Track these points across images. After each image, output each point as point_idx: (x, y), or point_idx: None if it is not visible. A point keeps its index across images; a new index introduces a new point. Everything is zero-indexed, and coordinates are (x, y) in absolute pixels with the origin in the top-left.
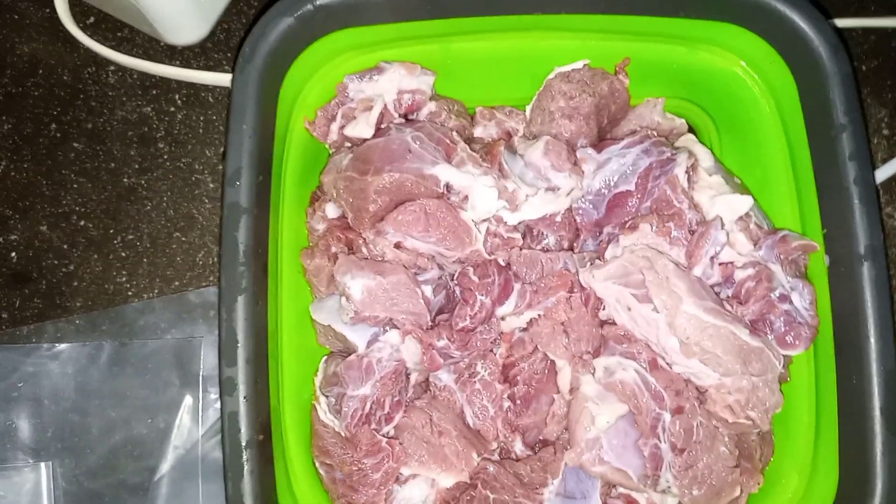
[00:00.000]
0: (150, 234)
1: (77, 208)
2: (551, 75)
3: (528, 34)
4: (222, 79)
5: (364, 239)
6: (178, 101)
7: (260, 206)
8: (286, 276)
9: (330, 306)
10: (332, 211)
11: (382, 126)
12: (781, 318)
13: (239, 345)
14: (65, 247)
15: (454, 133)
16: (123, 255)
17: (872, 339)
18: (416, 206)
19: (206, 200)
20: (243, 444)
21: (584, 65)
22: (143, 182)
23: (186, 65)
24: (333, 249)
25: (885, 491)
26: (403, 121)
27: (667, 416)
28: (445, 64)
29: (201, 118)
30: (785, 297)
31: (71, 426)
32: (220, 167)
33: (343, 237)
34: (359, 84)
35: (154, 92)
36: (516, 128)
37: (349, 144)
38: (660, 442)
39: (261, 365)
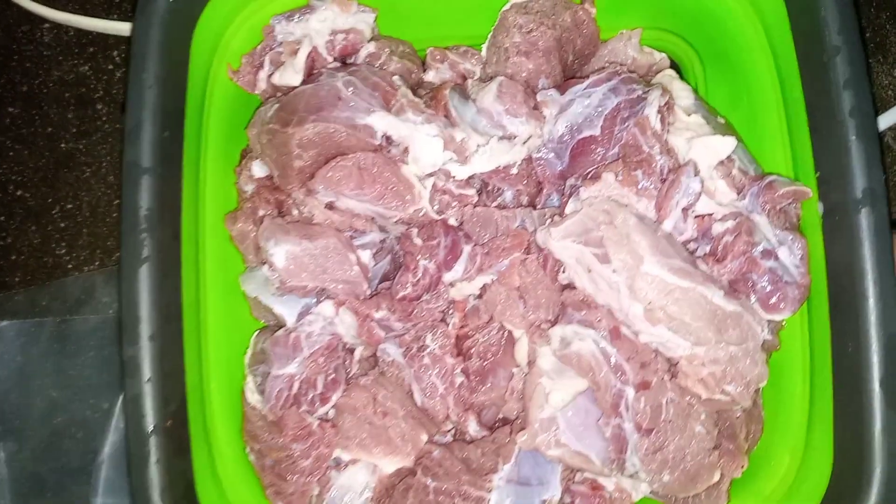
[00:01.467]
0: (90, 203)
1: (13, 177)
2: (506, 6)
3: None
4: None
5: (293, 200)
6: (117, 58)
7: (166, 165)
8: (211, 243)
9: (259, 276)
10: (258, 169)
11: (315, 72)
12: (765, 278)
13: (141, 321)
14: (1, 218)
15: (396, 78)
16: (62, 225)
17: (871, 300)
18: (349, 161)
19: None
20: (148, 430)
21: None
22: (81, 147)
23: (125, 18)
24: (260, 213)
25: (885, 474)
26: (339, 65)
27: (630, 392)
28: None
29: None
30: (770, 253)
31: (12, 407)
32: None
33: (272, 199)
34: (287, 25)
35: (91, 49)
36: (472, 70)
37: (280, 94)
38: (623, 421)
39: (171, 343)
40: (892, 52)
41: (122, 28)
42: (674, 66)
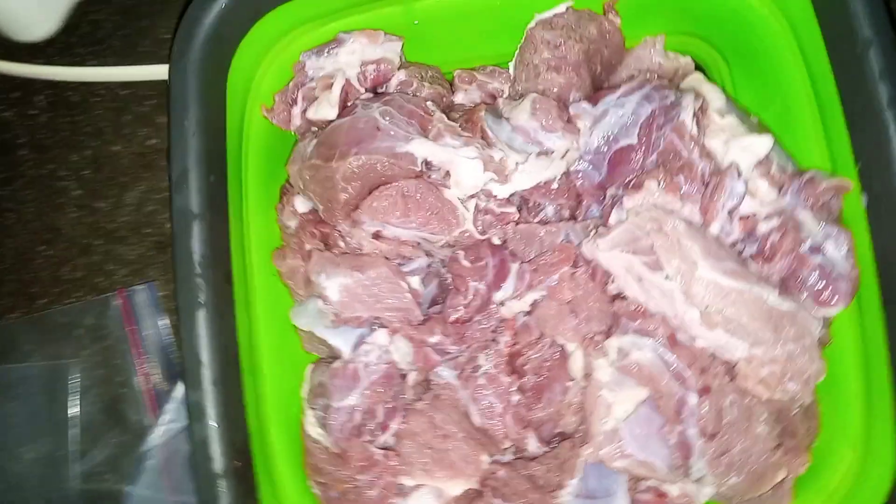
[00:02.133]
0: (14, 249)
1: None
2: (531, 24)
3: None
4: (87, 74)
5: (339, 232)
6: (42, 103)
7: (214, 210)
8: (259, 281)
9: (310, 310)
10: (301, 205)
11: (348, 104)
12: (815, 273)
13: (203, 366)
14: None
15: (429, 103)
16: None
17: None
18: (392, 190)
19: (72, 209)
20: (217, 473)
21: (568, 7)
22: (4, 193)
23: (49, 62)
24: (307, 247)
25: None
26: (371, 95)
27: (693, 398)
28: (412, 27)
29: (66, 120)
30: (817, 249)
31: None
32: (85, 173)
33: (317, 232)
34: (317, 60)
35: (15, 95)
36: (501, 88)
37: (315, 129)
38: (687, 427)
39: (232, 385)
40: None
41: (47, 72)
42: (699, 68)
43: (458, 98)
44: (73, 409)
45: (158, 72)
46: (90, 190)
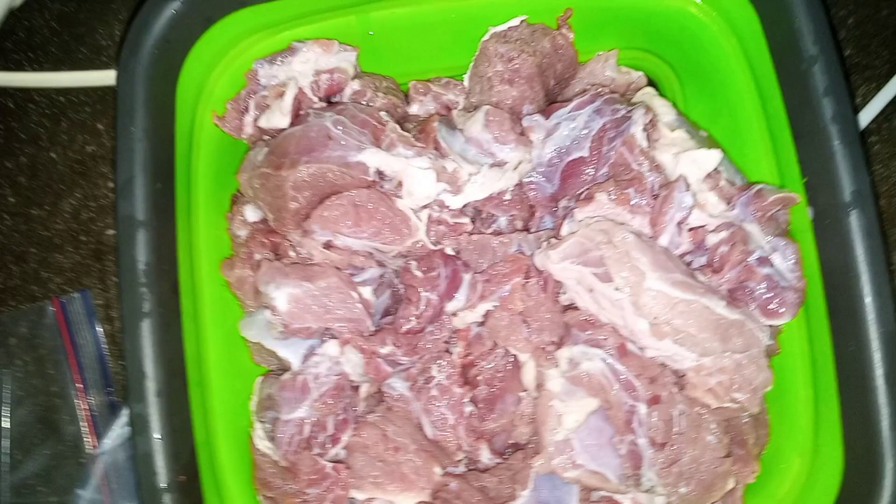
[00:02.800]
0: None
1: None
2: (485, 37)
3: None
4: (22, 79)
5: (290, 242)
6: None
7: (161, 218)
8: (208, 291)
9: (259, 321)
10: (251, 214)
11: (301, 113)
12: (763, 285)
13: (147, 377)
14: None
15: (382, 113)
16: None
17: (868, 298)
18: (343, 199)
19: (6, 216)
20: (160, 487)
21: (522, 21)
22: None
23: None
24: (257, 257)
25: None
26: (325, 105)
27: (642, 408)
28: (368, 36)
29: (0, 126)
30: (765, 260)
31: None
32: (20, 180)
33: (267, 242)
34: (270, 69)
35: None
36: (456, 100)
37: (267, 138)
38: (637, 437)
39: (177, 397)
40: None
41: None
42: (651, 83)
43: (413, 109)
44: (5, 420)
45: (96, 78)
46: (25, 197)
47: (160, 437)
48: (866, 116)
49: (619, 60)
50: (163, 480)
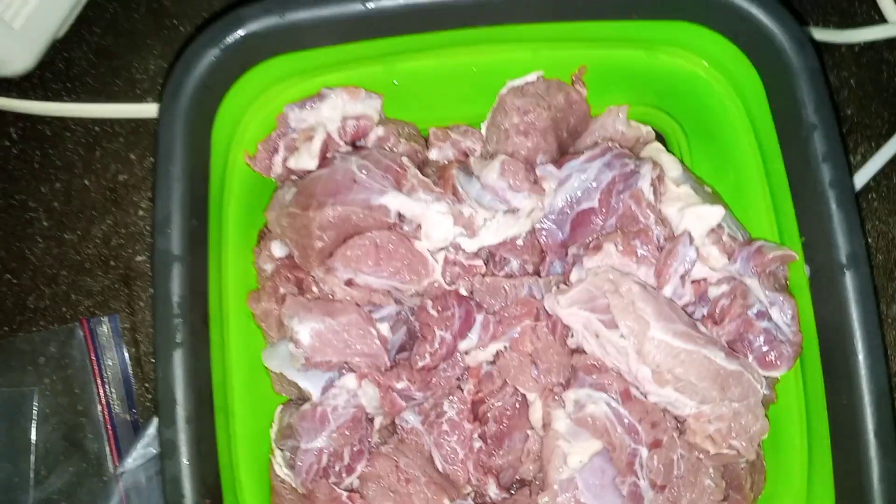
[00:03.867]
0: None
1: None
2: (503, 90)
3: (476, 48)
4: (60, 109)
5: (313, 278)
6: (14, 135)
7: (195, 253)
8: (234, 321)
9: (281, 352)
10: (278, 250)
11: (328, 156)
12: (761, 337)
13: (177, 404)
14: None
15: (404, 158)
16: None
17: (861, 356)
18: (365, 240)
19: (40, 240)
20: None
21: (538, 77)
22: None
23: (23, 96)
24: (282, 291)
25: None
26: (350, 149)
27: (644, 452)
28: (392, 86)
29: (37, 152)
30: (763, 314)
31: None
32: (54, 205)
33: (292, 277)
34: (300, 113)
35: None
36: (473, 147)
37: (294, 177)
38: (638, 479)
39: (205, 424)
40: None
41: (21, 106)
42: (659, 137)
43: (433, 154)
44: (32, 436)
45: (131, 110)
46: (58, 221)
47: (188, 461)
48: (866, 174)
49: (628, 115)
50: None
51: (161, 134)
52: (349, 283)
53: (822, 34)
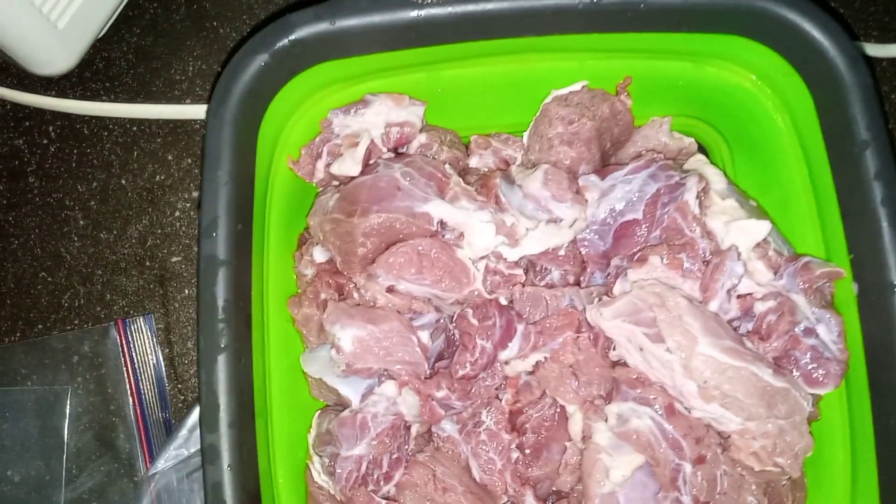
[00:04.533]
0: (15, 274)
1: None
2: (548, 99)
3: (521, 57)
4: (99, 109)
5: (354, 284)
6: (52, 134)
7: (240, 257)
8: (274, 325)
9: (321, 357)
10: (319, 255)
11: (371, 162)
12: (808, 354)
13: (220, 409)
14: None
15: (447, 166)
16: None
17: None
18: (408, 247)
19: (76, 238)
20: None
21: (583, 86)
22: (10, 219)
23: (62, 95)
24: (322, 296)
25: None
26: (393, 155)
27: (687, 467)
28: (436, 93)
29: (75, 151)
30: (811, 331)
31: None
32: (91, 204)
33: (333, 282)
34: (344, 119)
35: (27, 123)
36: (514, 156)
37: (336, 183)
38: (681, 495)
39: (246, 428)
40: None
41: (59, 104)
42: (701, 149)
43: (473, 162)
44: (65, 435)
45: (169, 111)
46: (95, 221)
47: (230, 466)
48: None
49: (671, 126)
50: None
51: (208, 138)
52: (390, 289)
53: (862, 48)
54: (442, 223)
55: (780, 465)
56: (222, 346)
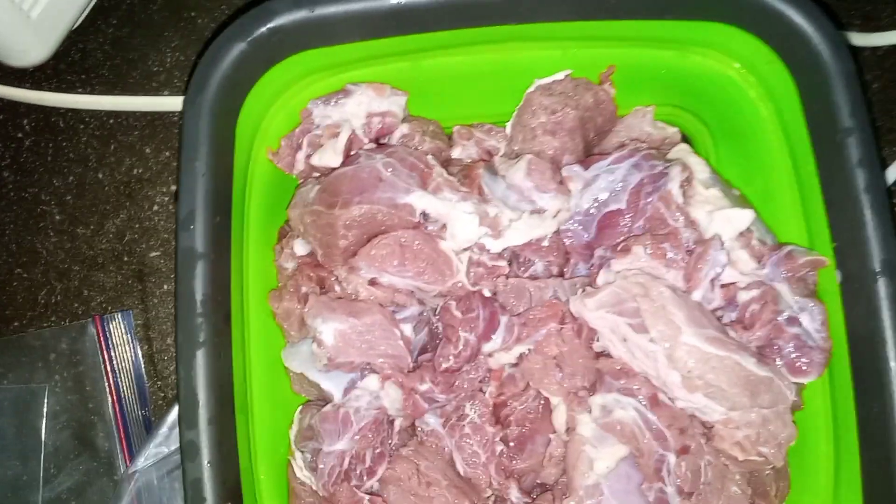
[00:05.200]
0: None
1: None
2: (531, 88)
3: (504, 46)
4: (75, 101)
5: (336, 277)
6: (27, 127)
7: (218, 250)
8: (254, 320)
9: (303, 352)
10: (300, 248)
11: (352, 153)
12: (791, 343)
13: (200, 405)
14: None
15: (429, 157)
16: None
17: (893, 364)
18: (390, 239)
19: (52, 234)
20: None
21: (566, 75)
22: None
23: (37, 87)
24: (304, 290)
25: None
26: (374, 146)
27: (671, 458)
28: (418, 82)
29: (51, 145)
30: (794, 320)
31: None
32: (67, 198)
33: (314, 275)
34: (324, 109)
35: (0, 117)
36: (497, 146)
37: (317, 174)
38: (665, 485)
39: (227, 425)
40: None
41: (35, 97)
42: (685, 139)
43: (455, 153)
44: (42, 434)
45: (147, 103)
46: (71, 216)
47: (210, 462)
48: (888, 178)
49: (655, 115)
50: None
51: (186, 128)
52: (372, 282)
53: (846, 37)
54: (424, 214)
55: (763, 455)
56: (201, 340)
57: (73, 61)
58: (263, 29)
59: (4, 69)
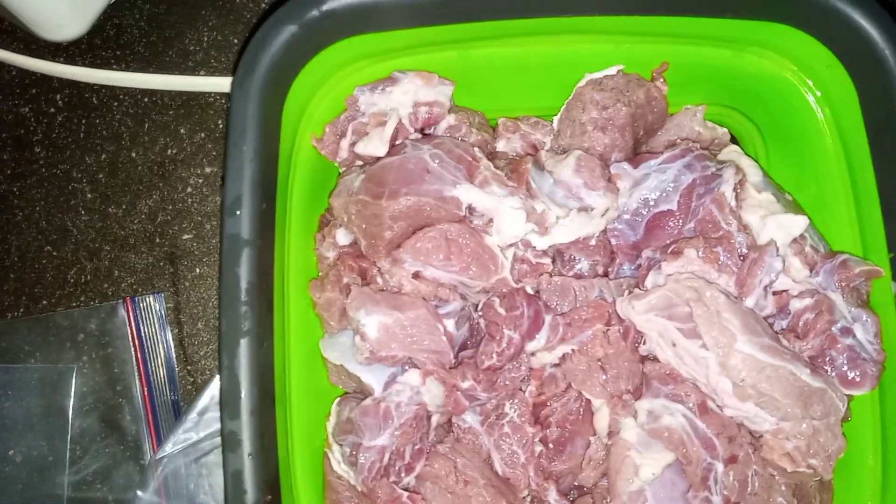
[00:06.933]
0: (19, 247)
1: None
2: (582, 82)
3: (555, 38)
4: (109, 77)
5: (379, 268)
6: (60, 102)
7: (264, 237)
8: (294, 309)
9: (342, 343)
10: (343, 237)
11: (397, 142)
12: (844, 354)
13: (242, 395)
14: None
15: (476, 149)
16: None
17: None
18: (437, 233)
19: (83, 212)
20: None
21: (618, 71)
22: (14, 190)
23: (71, 62)
24: (345, 280)
25: None
26: (420, 136)
27: (719, 467)
28: (465, 72)
29: (83, 121)
30: (847, 330)
31: None
32: (99, 177)
33: (355, 266)
34: (371, 96)
35: (33, 91)
36: (543, 140)
37: (360, 163)
38: (711, 494)
39: (267, 415)
40: None
41: (67, 71)
42: (733, 140)
43: (500, 146)
44: (69, 415)
45: (182, 83)
46: (103, 194)
47: (251, 454)
48: None
49: (705, 115)
50: (251, 500)
51: (234, 111)
52: (416, 275)
53: None
54: (471, 208)
55: (812, 467)
56: (245, 329)
57: (108, 37)
58: (315, 12)
59: (39, 43)
